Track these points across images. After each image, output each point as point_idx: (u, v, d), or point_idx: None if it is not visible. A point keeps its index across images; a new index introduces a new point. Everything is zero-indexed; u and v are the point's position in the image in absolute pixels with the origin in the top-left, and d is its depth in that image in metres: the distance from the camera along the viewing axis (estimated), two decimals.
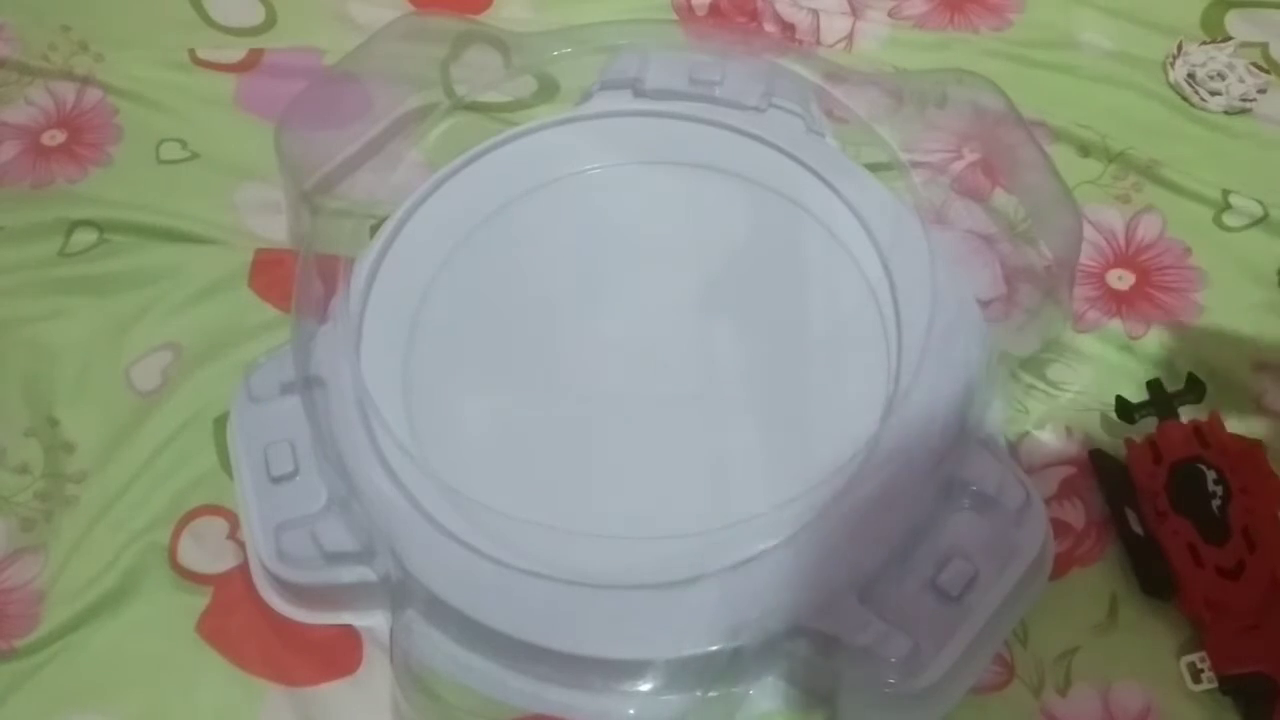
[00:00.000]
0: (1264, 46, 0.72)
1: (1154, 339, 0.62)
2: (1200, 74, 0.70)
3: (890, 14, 0.74)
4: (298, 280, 0.60)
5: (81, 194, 0.68)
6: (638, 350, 0.59)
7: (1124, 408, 0.58)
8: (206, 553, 0.58)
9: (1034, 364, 0.61)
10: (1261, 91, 0.70)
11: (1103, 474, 0.58)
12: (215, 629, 0.56)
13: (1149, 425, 0.58)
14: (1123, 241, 0.65)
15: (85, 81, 0.72)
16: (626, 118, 0.67)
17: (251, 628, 0.56)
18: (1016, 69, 0.70)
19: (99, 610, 0.56)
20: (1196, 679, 0.53)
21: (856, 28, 0.73)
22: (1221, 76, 0.70)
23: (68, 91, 0.72)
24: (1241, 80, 0.70)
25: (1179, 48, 0.71)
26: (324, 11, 0.74)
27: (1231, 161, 0.68)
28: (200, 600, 0.56)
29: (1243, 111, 0.70)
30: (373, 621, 0.55)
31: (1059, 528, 0.57)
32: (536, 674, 0.52)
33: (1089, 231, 0.64)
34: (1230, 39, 0.72)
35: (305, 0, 0.75)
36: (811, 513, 0.53)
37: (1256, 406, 0.60)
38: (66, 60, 0.73)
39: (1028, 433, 0.59)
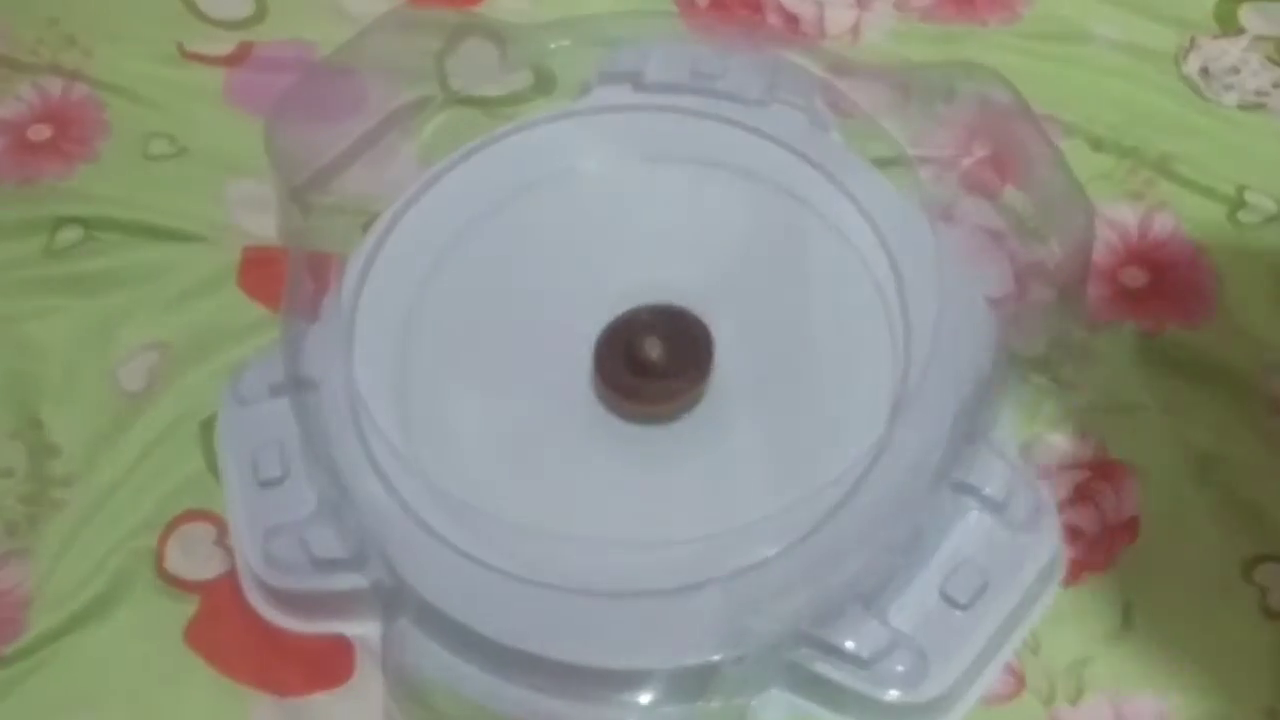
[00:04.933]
0: (1278, 40, 0.71)
1: (1168, 338, 0.61)
2: (1214, 68, 0.70)
3: (896, 6, 0.73)
4: (288, 279, 0.59)
5: (68, 190, 0.67)
6: None
7: None
8: (194, 559, 0.57)
9: (1045, 365, 0.60)
10: (1276, 85, 0.69)
11: None
12: (203, 637, 0.55)
13: None
14: (1136, 238, 0.64)
15: (73, 76, 0.71)
16: (626, 112, 0.66)
17: (240, 636, 0.55)
18: (1026, 62, 0.69)
19: (85, 617, 0.55)
20: None
21: (862, 20, 0.73)
22: (1235, 70, 0.69)
23: (54, 86, 0.71)
24: (1256, 74, 0.69)
25: (1192, 41, 0.71)
26: (316, 3, 0.73)
27: (1246, 157, 0.67)
28: (188, 607, 0.56)
29: (1257, 106, 0.69)
30: (365, 630, 0.54)
31: (1071, 533, 0.56)
32: (533, 684, 0.51)
33: (1101, 228, 0.63)
34: (1244, 32, 0.71)
35: None
36: (816, 518, 0.52)
37: (1271, 406, 0.59)
38: (54, 54, 0.72)
39: (1039, 435, 0.58)
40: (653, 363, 0.56)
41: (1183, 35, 0.71)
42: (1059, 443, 0.58)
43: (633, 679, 0.51)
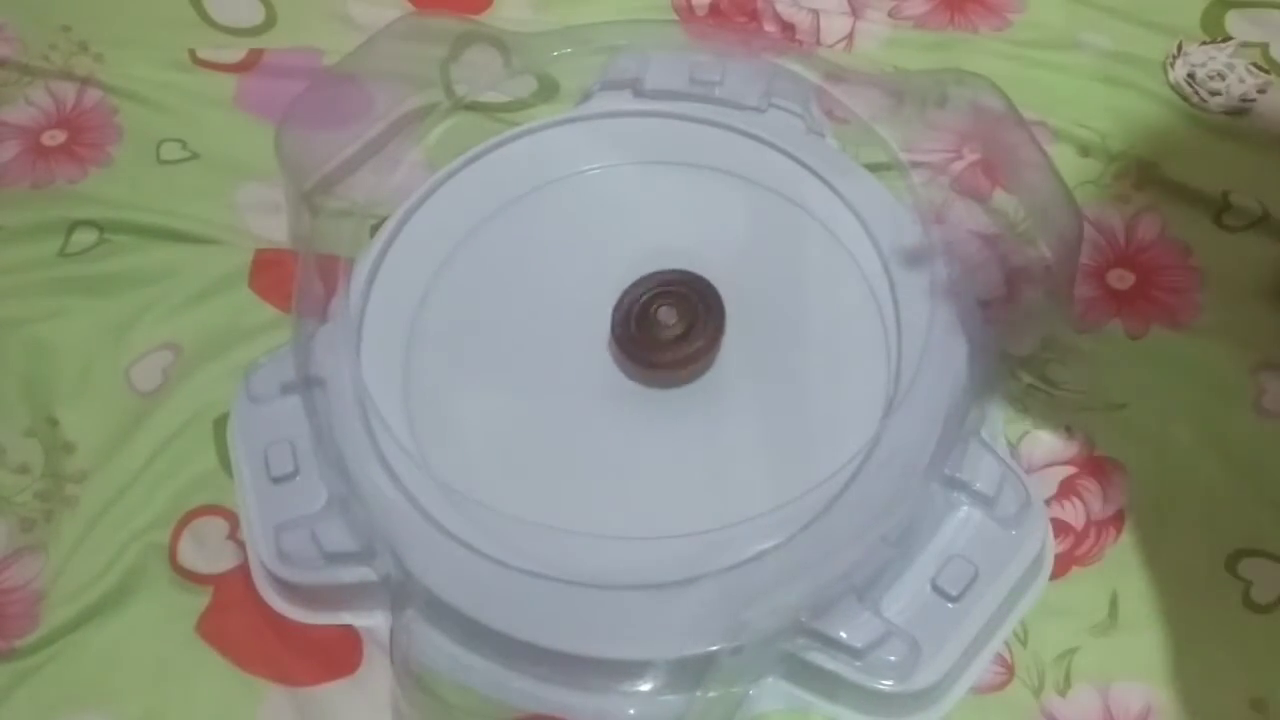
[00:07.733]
0: (1264, 46, 0.72)
1: (1154, 339, 0.62)
2: (1200, 74, 0.70)
3: (890, 14, 0.74)
4: (298, 280, 0.60)
5: (81, 194, 0.68)
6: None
7: None
8: (206, 553, 0.58)
9: (1034, 364, 0.61)
10: (1261, 91, 0.70)
11: None
12: (215, 629, 0.56)
13: None
14: (1123, 241, 0.65)
15: (85, 81, 0.72)
16: (626, 118, 0.67)
17: (251, 628, 0.56)
18: (1016, 69, 0.70)
19: (99, 610, 0.56)
20: None
21: (856, 28, 0.73)
22: (1221, 76, 0.70)
23: (68, 91, 0.72)
24: (1241, 80, 0.70)
25: (1179, 48, 0.71)
26: (324, 11, 0.74)
27: (1231, 161, 0.67)
28: (200, 600, 0.57)
29: (1243, 111, 0.69)
30: (373, 621, 0.56)
31: (1059, 527, 0.57)
32: (536, 674, 0.52)
33: (1089, 231, 0.64)
34: (1230, 39, 0.72)
35: (305, 0, 0.75)
36: (811, 513, 0.53)
37: (1255, 407, 0.60)
38: (66, 60, 0.73)
39: (1028, 433, 0.59)
40: (667, 325, 0.57)
41: (1170, 42, 0.71)
42: (1047, 440, 0.59)
43: (633, 669, 0.52)
